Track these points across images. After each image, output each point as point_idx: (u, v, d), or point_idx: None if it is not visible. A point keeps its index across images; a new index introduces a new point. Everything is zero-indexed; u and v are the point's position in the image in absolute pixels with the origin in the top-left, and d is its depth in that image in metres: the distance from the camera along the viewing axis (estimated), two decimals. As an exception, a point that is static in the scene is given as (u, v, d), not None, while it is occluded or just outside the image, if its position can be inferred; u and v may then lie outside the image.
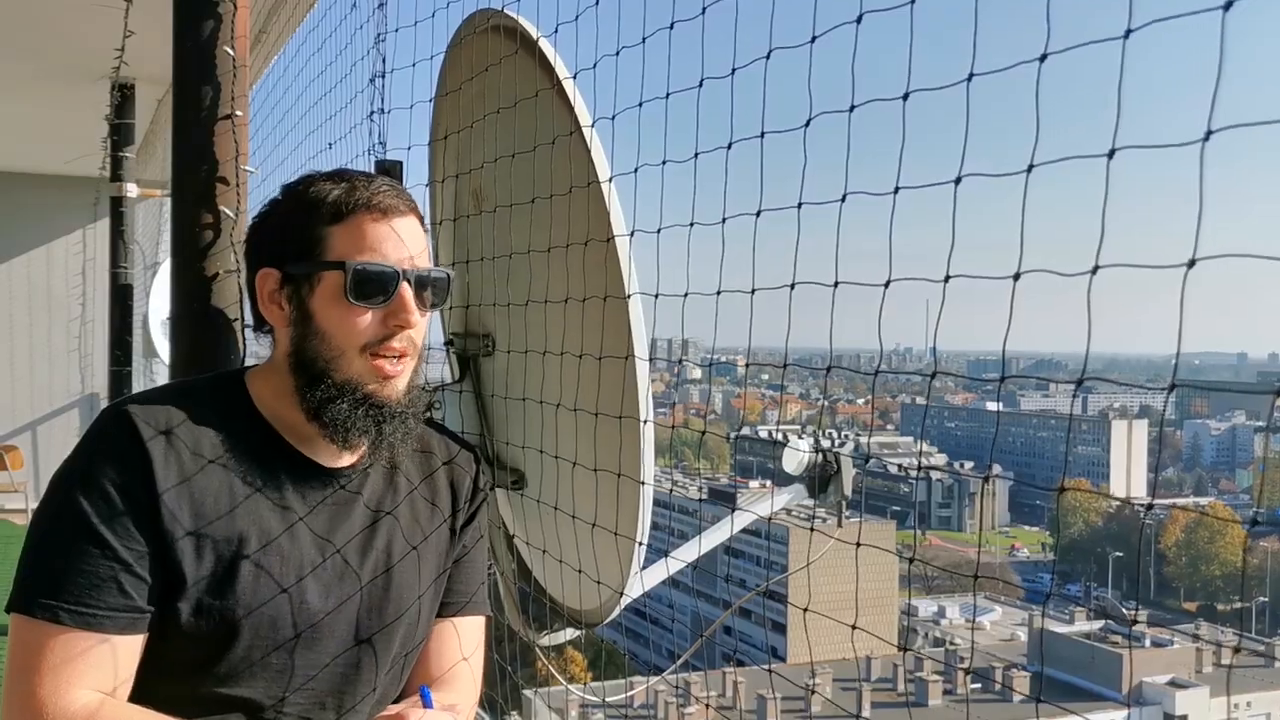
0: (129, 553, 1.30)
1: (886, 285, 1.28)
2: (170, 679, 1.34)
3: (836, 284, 1.37)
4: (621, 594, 2.08)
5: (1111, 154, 1.03)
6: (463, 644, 1.56)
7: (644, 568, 2.15)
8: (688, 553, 2.18)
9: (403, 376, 1.43)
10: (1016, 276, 1.13)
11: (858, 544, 1.30)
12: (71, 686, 1.26)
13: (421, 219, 1.49)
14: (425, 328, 1.48)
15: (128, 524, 1.30)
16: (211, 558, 1.33)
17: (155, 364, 8.14)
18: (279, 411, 1.45)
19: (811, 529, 1.55)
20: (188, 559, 1.32)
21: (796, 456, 2.30)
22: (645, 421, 1.99)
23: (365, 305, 1.39)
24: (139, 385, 6.84)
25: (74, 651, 1.27)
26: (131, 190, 6.03)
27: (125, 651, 1.30)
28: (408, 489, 1.54)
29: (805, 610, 1.47)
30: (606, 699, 2.45)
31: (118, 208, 6.08)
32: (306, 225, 1.40)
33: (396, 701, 1.51)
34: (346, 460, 1.48)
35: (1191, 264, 0.96)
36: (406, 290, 1.41)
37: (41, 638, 1.27)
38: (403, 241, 1.42)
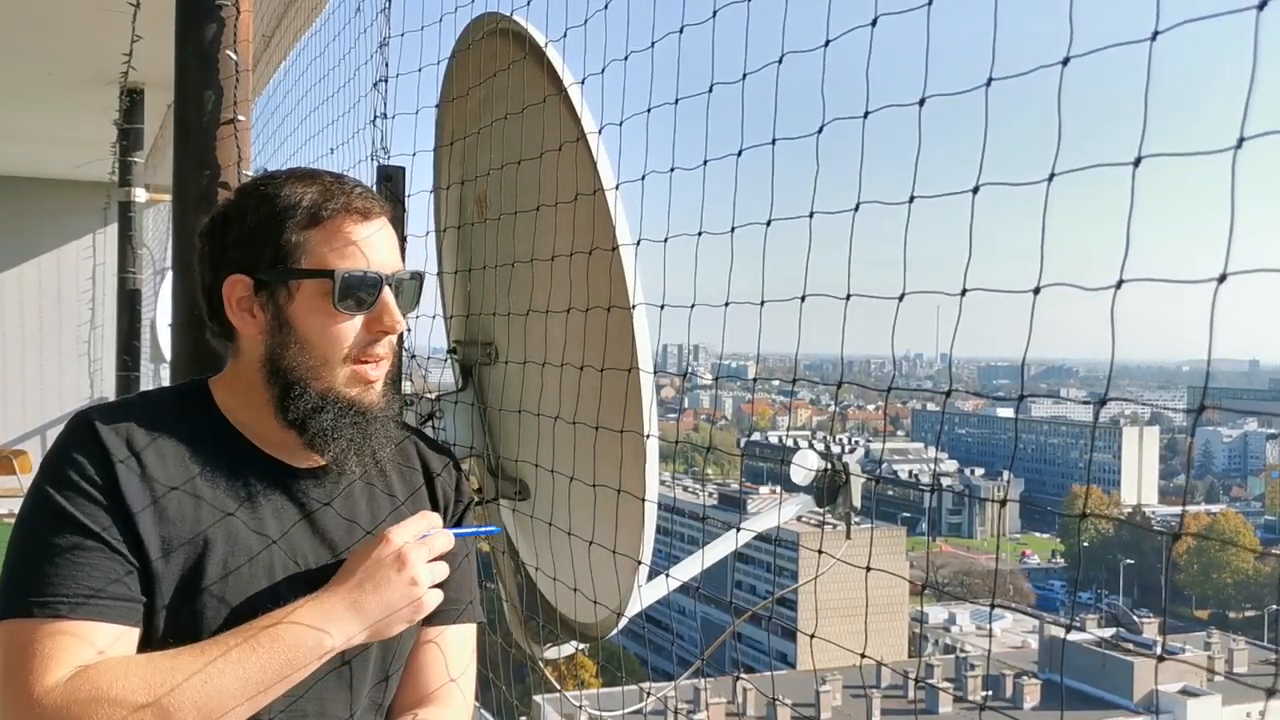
0: (118, 542, 1.27)
1: (900, 299, 1.23)
2: None
3: (849, 296, 1.32)
4: (620, 615, 2.03)
5: (1138, 162, 0.98)
6: (455, 652, 1.53)
7: (648, 580, 2.11)
8: (692, 567, 2.14)
9: (381, 380, 1.42)
10: (1036, 291, 1.07)
11: (867, 568, 1.25)
12: (61, 665, 1.21)
13: (392, 219, 1.47)
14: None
15: (107, 519, 1.27)
16: (178, 563, 1.30)
17: (163, 368, 8.13)
18: (245, 417, 1.42)
19: (820, 551, 1.51)
20: (155, 565, 1.29)
21: (804, 471, 2.25)
22: (649, 436, 1.95)
23: (351, 313, 1.37)
24: (146, 389, 6.82)
25: (72, 639, 1.22)
26: (140, 195, 6.02)
27: (124, 646, 1.26)
28: (386, 495, 1.51)
29: (812, 636, 1.43)
30: (614, 710, 2.41)
31: (126, 213, 6.06)
32: (280, 229, 1.37)
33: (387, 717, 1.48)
34: (317, 461, 1.44)
35: (1222, 279, 0.91)
36: (389, 295, 1.39)
37: (40, 633, 1.22)
38: (383, 245, 1.40)
